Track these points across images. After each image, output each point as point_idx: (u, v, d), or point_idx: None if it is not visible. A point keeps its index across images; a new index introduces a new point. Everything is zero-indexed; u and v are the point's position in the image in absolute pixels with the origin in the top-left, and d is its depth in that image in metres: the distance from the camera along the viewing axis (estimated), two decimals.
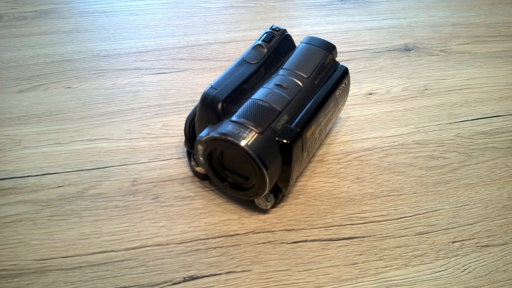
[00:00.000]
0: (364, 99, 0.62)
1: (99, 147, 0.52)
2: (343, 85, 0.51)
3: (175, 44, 0.70)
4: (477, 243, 0.45)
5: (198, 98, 0.60)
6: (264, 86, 0.46)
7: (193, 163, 0.50)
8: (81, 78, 0.62)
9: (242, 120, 0.41)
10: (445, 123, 0.59)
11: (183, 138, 0.54)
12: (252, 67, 0.47)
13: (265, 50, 0.49)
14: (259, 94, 0.44)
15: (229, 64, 0.67)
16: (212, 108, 0.43)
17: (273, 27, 0.52)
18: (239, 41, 0.72)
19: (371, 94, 0.63)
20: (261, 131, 0.41)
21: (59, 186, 0.47)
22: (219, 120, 0.43)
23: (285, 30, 0.52)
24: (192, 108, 0.51)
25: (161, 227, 0.44)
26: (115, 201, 0.46)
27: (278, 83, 0.46)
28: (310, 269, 0.42)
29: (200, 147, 0.43)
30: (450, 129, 0.58)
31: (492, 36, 0.79)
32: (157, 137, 0.54)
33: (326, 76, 0.49)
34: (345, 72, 0.51)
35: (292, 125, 0.43)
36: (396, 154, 0.54)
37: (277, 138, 0.41)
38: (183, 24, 0.75)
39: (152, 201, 0.46)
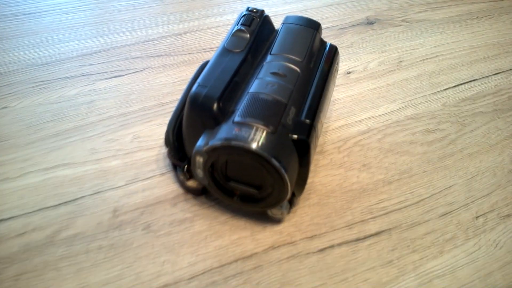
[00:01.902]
0: (344, 79, 0.58)
1: (61, 176, 0.42)
2: (336, 65, 0.46)
3: (124, 41, 0.60)
4: (498, 214, 0.43)
5: (165, 100, 0.52)
6: (259, 76, 0.39)
7: (181, 176, 0.42)
8: (18, 94, 0.50)
9: (248, 119, 0.35)
10: (429, 93, 0.57)
11: (161, 150, 0.46)
12: (238, 56, 0.41)
13: (248, 35, 0.43)
14: (257, 86, 0.38)
15: (191, 57, 0.59)
16: (206, 110, 0.36)
17: (249, 9, 0.46)
18: (195, 31, 0.64)
19: (349, 72, 0.59)
20: (273, 130, 0.34)
21: (21, 234, 0.37)
22: (217, 123, 0.36)
23: (263, 11, 0.46)
24: (172, 112, 0.43)
25: (164, 262, 0.36)
26: (97, 240, 0.37)
27: (274, 71, 0.39)
28: (347, 278, 0.37)
29: (199, 159, 0.36)
30: (436, 99, 0.56)
31: (444, 2, 0.79)
32: (129, 152, 0.45)
33: (319, 58, 0.44)
34: (336, 51, 0.46)
35: (302, 118, 0.37)
36: (394, 133, 0.51)
37: (291, 135, 0.35)
38: (127, 18, 0.65)
39: (143, 232, 0.38)
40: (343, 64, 0.61)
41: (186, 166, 0.41)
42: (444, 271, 0.38)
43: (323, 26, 0.69)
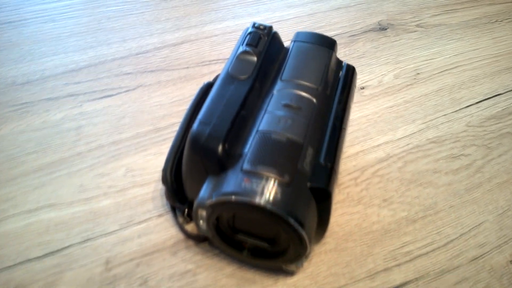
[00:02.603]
0: (358, 96, 0.53)
1: (46, 220, 0.37)
2: (354, 87, 0.41)
3: (114, 54, 0.55)
4: None
5: (161, 124, 0.47)
6: (269, 109, 0.34)
7: (180, 219, 0.38)
8: None
9: (259, 167, 0.30)
10: (451, 111, 0.52)
11: (157, 185, 0.41)
12: (245, 84, 0.36)
13: (255, 58, 0.38)
14: (267, 123, 0.33)
15: (189, 72, 0.54)
16: (209, 153, 0.31)
17: (256, 25, 0.40)
18: (192, 40, 0.59)
19: (363, 88, 0.54)
20: (288, 180, 0.29)
21: None
22: (223, 169, 0.31)
23: (271, 27, 0.41)
24: (169, 146, 0.38)
25: None
26: None
27: (286, 102, 0.34)
28: None
29: (202, 212, 0.31)
30: (458, 118, 0.51)
31: (459, 3, 0.73)
32: (122, 189, 0.40)
33: (336, 83, 0.39)
34: (354, 73, 0.41)
35: (321, 160, 0.32)
36: (415, 160, 0.46)
37: (309, 184, 0.30)
38: (117, 26, 0.59)
39: None
40: None
41: (186, 210, 0.37)
42: None
43: (332, 33, 0.63)
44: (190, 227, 0.37)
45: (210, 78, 0.53)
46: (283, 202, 0.28)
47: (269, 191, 0.29)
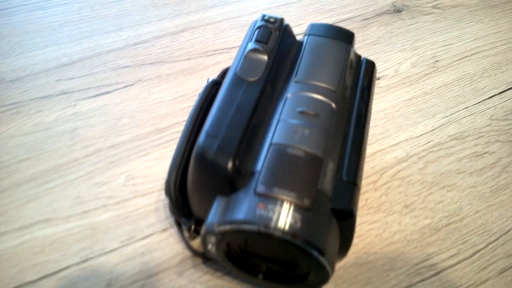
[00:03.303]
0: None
1: (40, 237, 0.35)
2: (374, 87, 0.37)
3: (110, 44, 0.51)
4: None
5: (163, 124, 0.43)
6: (282, 117, 0.31)
7: (186, 233, 0.35)
8: None
9: (275, 190, 0.26)
10: (473, 103, 0.49)
11: (160, 195, 0.38)
12: (255, 87, 0.32)
13: (265, 56, 0.34)
14: (282, 134, 0.29)
15: (191, 64, 0.50)
16: (218, 170, 0.28)
17: (265, 18, 0.36)
18: (193, 27, 0.54)
19: (379, 78, 0.50)
20: (308, 204, 0.26)
21: None
22: (233, 188, 0.28)
23: (282, 20, 0.37)
24: (172, 150, 0.34)
25: None
26: None
27: (301, 109, 0.31)
28: None
29: (211, 238, 0.28)
30: (481, 110, 0.48)
31: None
32: (122, 200, 0.37)
33: (356, 83, 0.35)
34: (374, 70, 0.37)
35: (343, 176, 0.29)
36: (437, 159, 0.43)
37: (331, 205, 0.27)
38: (113, 13, 0.55)
39: None
40: None
41: (193, 226, 0.34)
42: None
43: (343, 16, 0.59)
44: (197, 243, 0.35)
45: (214, 70, 0.49)
46: (303, 231, 0.25)
47: (287, 218, 0.25)
